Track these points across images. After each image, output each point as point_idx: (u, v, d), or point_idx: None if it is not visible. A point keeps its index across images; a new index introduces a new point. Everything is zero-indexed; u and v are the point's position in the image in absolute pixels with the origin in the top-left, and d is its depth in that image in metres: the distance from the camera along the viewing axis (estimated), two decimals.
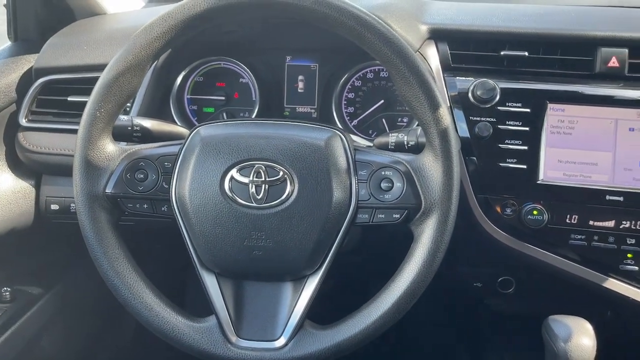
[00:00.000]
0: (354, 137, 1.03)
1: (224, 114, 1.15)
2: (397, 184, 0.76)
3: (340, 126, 1.10)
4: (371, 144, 0.90)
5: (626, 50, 0.94)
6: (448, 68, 1.00)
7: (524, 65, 0.97)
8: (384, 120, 1.12)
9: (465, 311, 1.31)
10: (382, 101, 1.11)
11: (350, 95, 1.14)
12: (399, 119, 1.12)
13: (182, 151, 0.78)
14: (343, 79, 1.12)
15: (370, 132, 1.14)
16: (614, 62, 0.95)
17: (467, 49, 1.00)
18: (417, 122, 1.04)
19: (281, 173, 0.75)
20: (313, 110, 1.16)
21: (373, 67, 1.12)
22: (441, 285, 0.89)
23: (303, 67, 1.16)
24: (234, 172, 0.75)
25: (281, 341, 0.76)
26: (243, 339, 0.77)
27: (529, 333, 0.98)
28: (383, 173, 0.77)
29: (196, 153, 0.76)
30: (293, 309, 0.77)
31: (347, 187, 0.76)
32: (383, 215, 0.77)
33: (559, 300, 1.09)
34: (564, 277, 0.97)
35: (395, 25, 0.96)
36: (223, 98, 1.14)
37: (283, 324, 0.77)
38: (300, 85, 1.16)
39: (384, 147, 0.86)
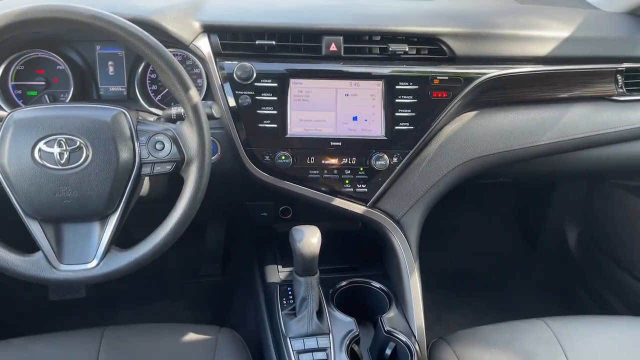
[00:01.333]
0: (155, 110, 1.35)
1: (46, 96, 1.39)
2: (167, 145, 1.10)
3: (144, 101, 1.40)
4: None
5: (341, 38, 1.33)
6: (219, 54, 1.29)
7: (273, 51, 1.30)
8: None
9: (259, 235, 1.72)
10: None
11: (153, 76, 1.42)
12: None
13: (1, 130, 1.04)
14: (144, 63, 1.41)
15: (172, 104, 1.44)
16: (333, 47, 1.33)
17: (232, 39, 1.33)
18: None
19: (78, 142, 1.04)
20: (124, 89, 1.43)
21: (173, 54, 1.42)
22: (241, 216, 1.24)
23: (111, 54, 1.42)
24: (41, 144, 1.03)
25: (94, 263, 1.08)
26: (64, 264, 1.08)
27: None
28: (157, 138, 1.10)
29: (11, 131, 1.03)
30: (101, 239, 1.09)
31: (132, 150, 1.08)
32: (160, 168, 1.10)
33: (322, 218, 1.53)
34: (312, 202, 1.38)
35: (170, 24, 1.26)
36: (43, 83, 1.37)
37: (94, 250, 1.09)
38: (111, 69, 1.43)
39: (168, 118, 1.18)
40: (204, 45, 1.31)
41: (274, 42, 1.31)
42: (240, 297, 1.95)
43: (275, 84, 1.25)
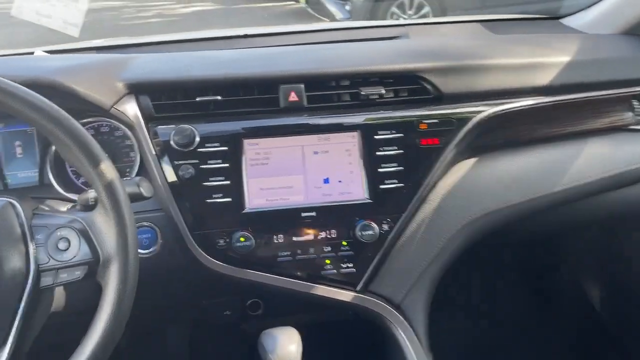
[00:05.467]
0: (75, 196, 1.05)
1: None
2: (74, 242, 0.79)
3: (60, 186, 1.10)
4: None
5: (302, 85, 1.08)
6: (152, 118, 1.06)
7: (219, 108, 1.06)
8: None
9: (225, 339, 1.37)
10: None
11: None
12: (127, 170, 1.15)
13: None
14: None
15: None
16: (293, 97, 1.08)
17: (167, 98, 1.07)
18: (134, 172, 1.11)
19: None
20: (35, 174, 1.14)
21: (92, 123, 1.15)
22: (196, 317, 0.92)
23: (19, 132, 1.14)
24: None
25: None
26: None
27: None
28: (59, 233, 0.79)
29: None
30: None
31: (23, 254, 0.77)
32: (66, 275, 0.79)
33: (300, 311, 1.21)
34: (286, 293, 1.07)
35: (81, 85, 1.00)
36: None
37: None
38: (19, 150, 1.14)
39: (85, 204, 0.88)
40: (130, 109, 1.04)
41: (219, 97, 1.05)
42: None
43: (225, 148, 1.04)
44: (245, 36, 1.48)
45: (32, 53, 1.31)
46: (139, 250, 1.03)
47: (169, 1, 7.55)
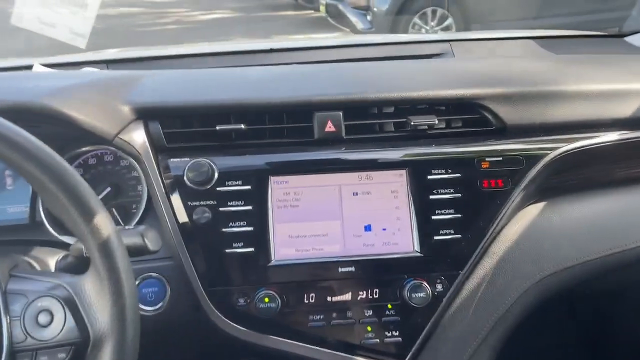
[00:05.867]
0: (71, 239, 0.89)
1: None
2: (58, 315, 0.62)
3: (53, 227, 0.93)
4: None
5: (340, 113, 0.91)
6: (163, 149, 0.90)
7: (242, 138, 0.90)
8: (114, 210, 0.98)
9: None
10: (109, 189, 0.97)
11: None
12: (134, 206, 0.99)
13: None
14: None
15: None
16: (330, 126, 0.91)
17: (182, 126, 0.91)
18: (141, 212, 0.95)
19: None
20: (27, 209, 0.97)
21: (94, 151, 0.99)
22: None
23: None
24: None
25: None
26: None
27: None
28: (40, 304, 0.63)
29: None
30: None
31: None
32: (46, 358, 0.62)
33: None
34: None
35: (84, 112, 0.83)
36: None
37: None
38: (9, 181, 0.98)
39: (79, 256, 0.71)
40: (137, 138, 0.88)
41: (242, 126, 0.88)
42: None
43: (248, 187, 0.89)
44: (271, 50, 1.32)
45: (31, 66, 1.16)
46: (142, 307, 0.86)
47: (187, 8, 7.46)
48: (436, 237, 0.88)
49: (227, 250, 0.86)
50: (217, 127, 0.89)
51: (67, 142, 0.95)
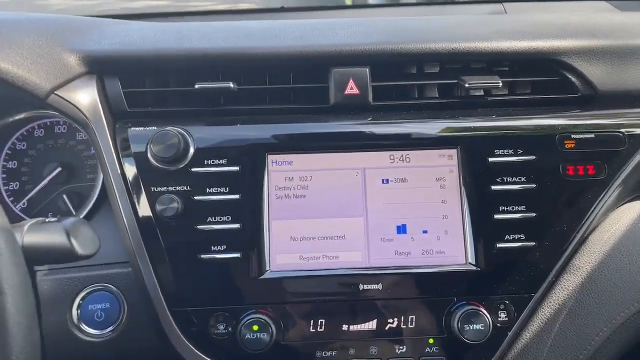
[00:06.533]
0: None
1: None
2: None
3: None
4: None
5: (367, 70, 0.66)
6: (122, 115, 0.67)
7: (230, 102, 0.69)
8: (65, 197, 0.77)
9: None
10: (60, 169, 0.74)
11: (12, 165, 0.76)
12: (90, 192, 0.75)
13: None
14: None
15: (50, 215, 0.75)
16: (352, 88, 0.66)
17: (148, 84, 0.67)
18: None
19: None
20: None
21: (42, 119, 0.76)
22: None
23: None
24: None
25: None
26: None
27: None
28: None
29: None
30: None
31: None
32: None
33: None
34: None
35: (10, 61, 0.60)
36: None
37: None
38: None
39: None
40: (85, 98, 0.65)
41: (232, 85, 0.64)
42: None
43: (236, 168, 0.66)
44: (283, 9, 1.08)
45: None
46: (85, 330, 0.63)
47: None
48: (499, 245, 0.64)
49: (202, 256, 0.64)
50: (197, 85, 0.65)
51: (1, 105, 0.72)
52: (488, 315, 0.62)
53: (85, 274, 0.65)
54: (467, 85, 0.67)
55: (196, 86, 0.66)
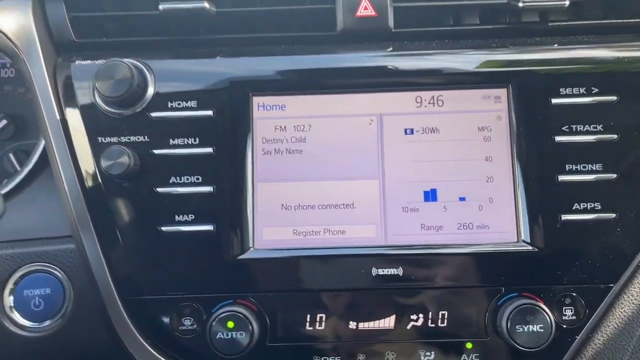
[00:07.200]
0: None
1: None
2: None
3: None
4: None
5: None
6: (67, 46, 0.55)
7: (208, 31, 0.55)
8: (11, 155, 0.65)
9: None
10: (5, 121, 0.63)
11: None
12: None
13: None
14: None
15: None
16: (366, 9, 0.50)
17: (101, 8, 0.53)
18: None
19: None
20: None
21: None
22: None
23: None
24: None
25: None
26: None
27: None
28: None
29: None
30: None
31: None
32: None
33: None
34: None
35: None
36: None
37: None
38: None
39: None
40: (14, 20, 0.54)
41: (206, 4, 0.49)
42: None
43: (209, 112, 0.52)
44: None
45: None
46: (18, 321, 0.51)
47: None
48: (565, 217, 0.51)
49: (163, 228, 0.52)
50: (161, 6, 0.50)
51: None
52: (549, 313, 0.47)
53: (19, 251, 0.52)
54: (521, 4, 0.50)
55: (160, 7, 0.51)
